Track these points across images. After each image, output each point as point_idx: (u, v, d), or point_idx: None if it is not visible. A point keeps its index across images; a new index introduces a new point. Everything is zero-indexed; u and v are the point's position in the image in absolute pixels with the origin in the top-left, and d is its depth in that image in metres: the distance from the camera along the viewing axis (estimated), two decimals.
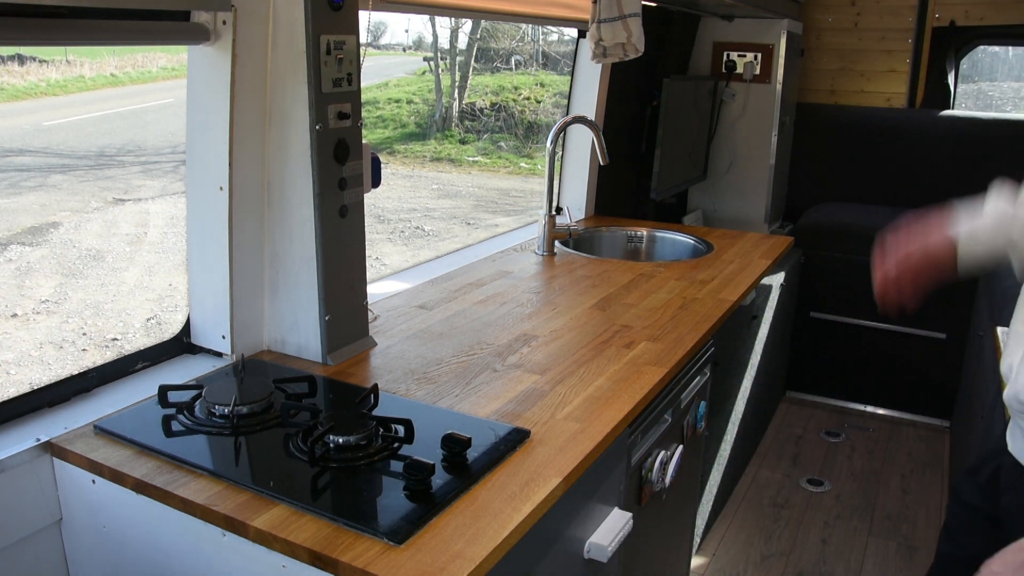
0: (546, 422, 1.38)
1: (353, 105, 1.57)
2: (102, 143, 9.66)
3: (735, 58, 3.55)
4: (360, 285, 1.69)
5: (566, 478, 1.22)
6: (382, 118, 13.15)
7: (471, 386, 1.53)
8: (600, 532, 1.45)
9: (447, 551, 1.04)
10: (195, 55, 1.49)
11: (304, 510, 1.11)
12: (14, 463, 1.23)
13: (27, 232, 6.77)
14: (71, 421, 1.34)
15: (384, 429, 1.29)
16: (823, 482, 3.18)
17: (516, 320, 1.89)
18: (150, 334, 5.39)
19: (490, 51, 14.53)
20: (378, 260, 7.37)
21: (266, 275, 1.63)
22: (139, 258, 6.60)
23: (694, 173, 3.56)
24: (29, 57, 10.38)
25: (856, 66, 3.95)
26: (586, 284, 2.20)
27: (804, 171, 4.03)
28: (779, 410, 3.80)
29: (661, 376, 1.59)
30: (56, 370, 4.87)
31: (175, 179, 8.43)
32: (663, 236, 2.85)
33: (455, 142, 12.83)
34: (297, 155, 1.53)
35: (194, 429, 1.32)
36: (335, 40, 1.50)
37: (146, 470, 1.21)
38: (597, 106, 2.84)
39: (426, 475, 1.16)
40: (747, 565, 2.67)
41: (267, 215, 1.60)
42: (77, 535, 1.30)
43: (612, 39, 2.20)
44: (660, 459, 1.71)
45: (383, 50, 16.60)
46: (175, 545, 1.19)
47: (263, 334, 1.67)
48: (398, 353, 1.68)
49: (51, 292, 5.86)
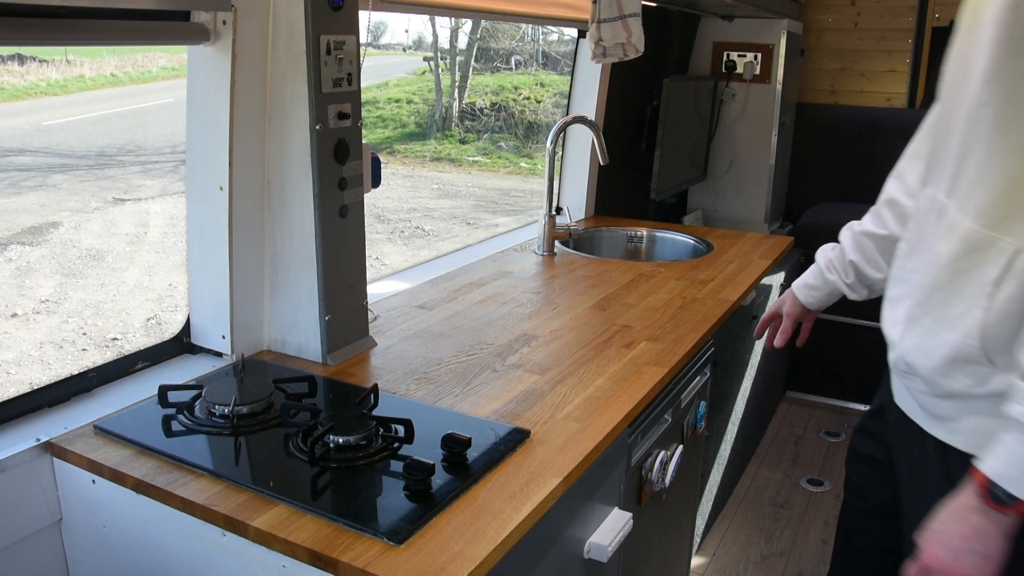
0: (546, 422, 1.38)
1: (353, 105, 1.57)
2: (102, 143, 9.66)
3: (735, 58, 3.55)
4: (360, 285, 1.69)
5: (566, 478, 1.22)
6: (382, 118, 13.16)
7: (471, 386, 1.53)
8: (600, 532, 1.45)
9: (447, 551, 1.04)
10: (195, 55, 1.49)
11: (304, 510, 1.11)
12: (14, 463, 1.22)
13: (27, 232, 6.77)
14: (71, 421, 1.34)
15: (384, 429, 1.29)
16: (823, 482, 3.18)
17: (516, 320, 1.89)
18: (150, 334, 5.39)
19: (490, 51, 14.54)
20: (378, 260, 7.37)
21: (266, 275, 1.63)
22: (139, 258, 6.60)
23: (694, 173, 3.56)
24: (29, 57, 10.37)
25: (856, 66, 3.95)
26: (586, 284, 2.20)
27: (804, 171, 4.03)
28: (779, 410, 3.80)
29: (661, 376, 1.59)
30: (56, 370, 4.87)
31: (175, 179, 8.43)
32: (663, 236, 2.85)
33: (455, 142, 12.83)
34: (297, 155, 1.53)
35: (194, 429, 1.32)
36: (335, 40, 1.50)
37: (146, 470, 1.21)
38: (597, 106, 2.84)
39: (426, 475, 1.16)
40: (747, 565, 2.67)
41: (267, 215, 1.60)
42: (77, 535, 1.30)
43: (612, 39, 2.20)
44: (660, 459, 1.71)
45: (383, 50, 16.61)
46: (175, 545, 1.19)
47: (263, 334, 1.67)
48: (398, 353, 1.68)
49: (51, 292, 5.86)
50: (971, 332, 1.11)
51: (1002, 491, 1.03)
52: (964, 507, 1.07)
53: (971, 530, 1.06)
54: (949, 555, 1.08)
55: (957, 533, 1.07)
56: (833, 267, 1.63)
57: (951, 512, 1.09)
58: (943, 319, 1.16)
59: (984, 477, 1.05)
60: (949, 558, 1.08)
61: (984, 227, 1.10)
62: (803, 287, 1.71)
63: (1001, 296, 1.08)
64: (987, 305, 1.09)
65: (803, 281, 1.71)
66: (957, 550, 1.07)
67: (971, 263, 1.12)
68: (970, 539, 1.06)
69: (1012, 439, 1.03)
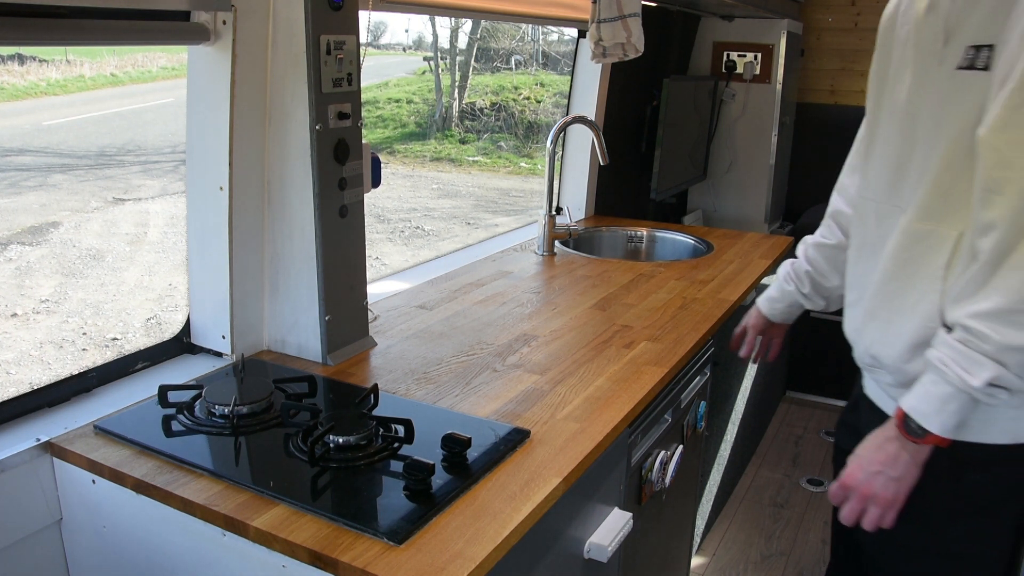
0: (546, 422, 1.38)
1: (353, 105, 1.57)
2: (102, 143, 9.66)
3: (735, 58, 3.55)
4: (360, 285, 1.69)
5: (566, 478, 1.22)
6: (382, 118, 13.15)
7: (471, 386, 1.53)
8: (600, 532, 1.45)
9: (447, 551, 1.04)
10: (195, 55, 1.49)
11: (304, 510, 1.11)
12: (14, 463, 1.23)
13: (27, 232, 6.77)
14: (71, 421, 1.34)
15: (384, 429, 1.29)
16: (823, 482, 3.18)
17: (516, 320, 1.89)
18: (150, 334, 5.39)
19: (490, 51, 14.54)
20: (378, 260, 7.37)
21: (266, 275, 1.63)
22: (139, 258, 6.60)
23: (694, 173, 3.56)
24: (29, 57, 10.37)
25: (856, 66, 3.95)
26: (586, 284, 2.20)
27: (804, 171, 4.03)
28: (779, 410, 3.80)
29: (661, 376, 1.59)
30: (56, 370, 4.87)
31: (175, 179, 8.43)
32: (663, 236, 2.85)
33: (455, 142, 12.83)
34: (297, 155, 1.53)
35: (194, 429, 1.32)
36: (335, 40, 1.50)
37: (146, 470, 1.21)
38: (597, 106, 2.84)
39: (426, 475, 1.16)
40: (747, 565, 2.67)
41: (267, 215, 1.60)
42: (77, 535, 1.30)
43: (612, 39, 2.20)
44: (660, 459, 1.71)
45: (383, 50, 16.61)
46: (175, 545, 1.19)
47: (263, 334, 1.67)
48: (398, 353, 1.68)
49: (51, 292, 5.86)
50: (931, 315, 1.22)
51: (915, 423, 1.17)
52: (884, 437, 1.23)
53: (886, 456, 1.21)
54: (864, 476, 1.23)
55: (874, 459, 1.23)
56: (791, 278, 1.72)
57: (873, 440, 1.24)
58: (900, 309, 1.27)
59: (901, 411, 1.19)
60: (864, 479, 1.23)
61: (922, 221, 1.23)
62: (765, 299, 1.80)
63: (952, 279, 1.19)
64: (941, 288, 1.21)
65: (766, 294, 1.80)
66: (872, 473, 1.23)
67: (917, 253, 1.24)
68: (884, 464, 1.22)
69: (928, 378, 1.17)
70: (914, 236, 1.24)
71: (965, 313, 1.12)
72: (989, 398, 1.12)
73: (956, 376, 1.12)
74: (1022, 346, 1.08)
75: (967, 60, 1.16)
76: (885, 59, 1.36)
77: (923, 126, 1.24)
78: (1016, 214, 1.08)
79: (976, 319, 1.11)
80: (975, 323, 1.11)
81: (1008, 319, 1.08)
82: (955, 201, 1.19)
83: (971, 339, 1.11)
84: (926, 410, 1.16)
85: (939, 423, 1.15)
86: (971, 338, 1.11)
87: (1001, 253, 1.10)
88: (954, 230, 1.19)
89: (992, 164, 1.10)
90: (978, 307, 1.11)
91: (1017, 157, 1.08)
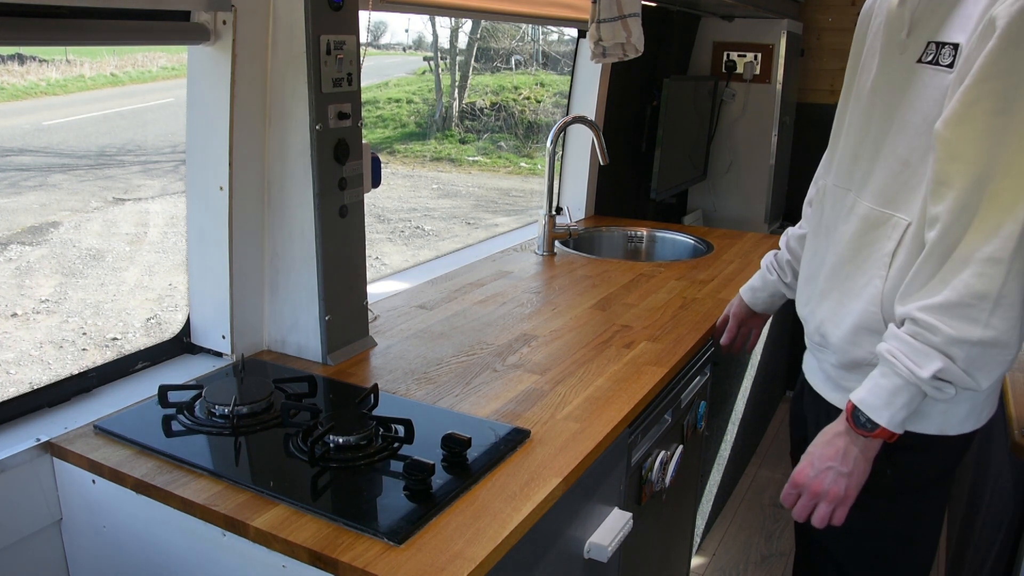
0: (546, 422, 1.38)
1: (353, 105, 1.57)
2: (102, 143, 9.66)
3: (735, 58, 3.55)
4: (360, 285, 1.69)
5: (566, 478, 1.22)
6: (382, 118, 13.15)
7: (471, 386, 1.53)
8: (600, 532, 1.45)
9: (447, 551, 1.04)
10: (195, 55, 1.49)
11: (304, 510, 1.11)
12: (14, 463, 1.23)
13: (27, 232, 6.77)
14: (71, 421, 1.34)
15: (384, 429, 1.29)
16: None
17: (516, 320, 1.89)
18: (150, 334, 5.39)
19: (490, 51, 14.53)
20: (378, 260, 7.37)
21: (266, 275, 1.63)
22: (139, 258, 6.60)
23: (694, 173, 3.56)
24: (29, 57, 10.37)
25: None
26: (586, 284, 2.20)
27: (804, 171, 4.01)
28: (779, 410, 3.80)
29: (661, 376, 1.59)
30: (56, 370, 4.87)
31: (175, 179, 8.43)
32: (663, 236, 2.85)
33: (455, 142, 12.83)
34: (297, 155, 1.53)
35: (194, 429, 1.32)
36: (335, 40, 1.50)
37: (146, 470, 1.21)
38: (597, 106, 2.84)
39: (426, 475, 1.16)
40: (747, 565, 2.67)
41: (267, 215, 1.60)
42: (77, 535, 1.30)
43: (612, 39, 2.20)
44: (660, 459, 1.71)
45: (383, 50, 16.60)
46: (175, 545, 1.19)
47: (263, 334, 1.67)
48: (398, 353, 1.68)
49: (51, 292, 5.86)
50: (874, 299, 1.25)
51: (864, 417, 1.18)
52: (834, 432, 1.23)
53: (835, 451, 1.22)
54: (814, 472, 1.24)
55: (824, 454, 1.23)
56: (772, 268, 1.75)
57: (823, 436, 1.25)
58: (850, 290, 1.30)
59: (851, 404, 1.20)
60: (813, 475, 1.24)
61: (879, 206, 1.25)
62: (748, 289, 1.82)
63: (896, 265, 1.22)
64: (885, 274, 1.23)
65: (749, 284, 1.82)
66: (821, 469, 1.23)
67: (871, 239, 1.26)
68: (833, 459, 1.22)
69: (878, 372, 1.18)
70: (871, 221, 1.27)
71: (915, 306, 1.14)
72: (936, 392, 1.13)
73: (905, 368, 1.13)
74: (970, 339, 1.09)
75: (928, 55, 1.19)
76: (859, 48, 1.40)
77: (879, 112, 1.27)
78: (961, 208, 1.10)
79: (926, 312, 1.12)
80: (925, 316, 1.12)
81: (958, 312, 1.10)
82: (911, 191, 1.21)
83: (920, 331, 1.13)
84: (875, 403, 1.17)
85: (888, 416, 1.16)
86: (920, 330, 1.13)
87: (947, 246, 1.11)
88: (906, 219, 1.21)
89: (943, 158, 1.12)
90: (928, 301, 1.13)
91: (966, 152, 1.09)
